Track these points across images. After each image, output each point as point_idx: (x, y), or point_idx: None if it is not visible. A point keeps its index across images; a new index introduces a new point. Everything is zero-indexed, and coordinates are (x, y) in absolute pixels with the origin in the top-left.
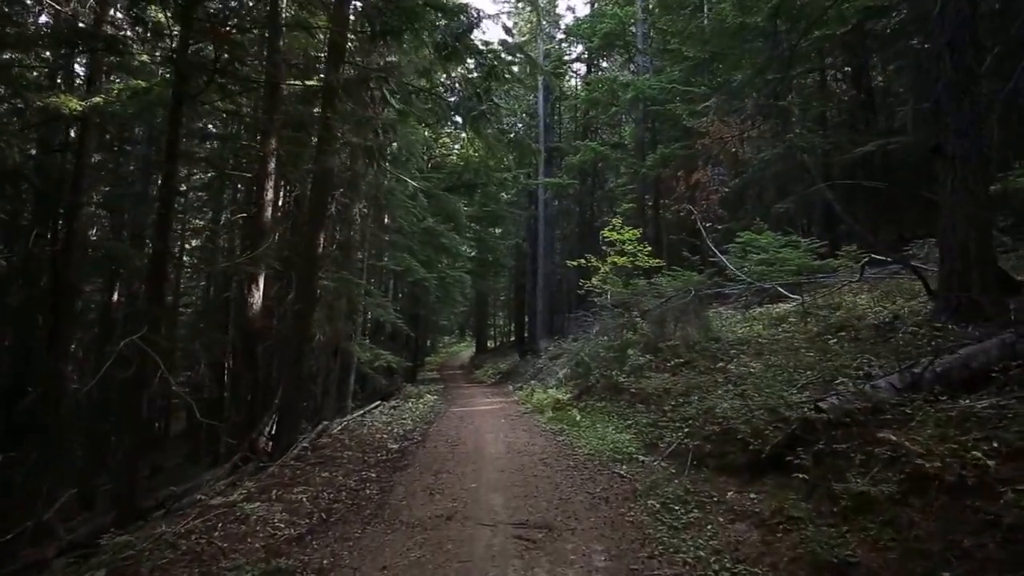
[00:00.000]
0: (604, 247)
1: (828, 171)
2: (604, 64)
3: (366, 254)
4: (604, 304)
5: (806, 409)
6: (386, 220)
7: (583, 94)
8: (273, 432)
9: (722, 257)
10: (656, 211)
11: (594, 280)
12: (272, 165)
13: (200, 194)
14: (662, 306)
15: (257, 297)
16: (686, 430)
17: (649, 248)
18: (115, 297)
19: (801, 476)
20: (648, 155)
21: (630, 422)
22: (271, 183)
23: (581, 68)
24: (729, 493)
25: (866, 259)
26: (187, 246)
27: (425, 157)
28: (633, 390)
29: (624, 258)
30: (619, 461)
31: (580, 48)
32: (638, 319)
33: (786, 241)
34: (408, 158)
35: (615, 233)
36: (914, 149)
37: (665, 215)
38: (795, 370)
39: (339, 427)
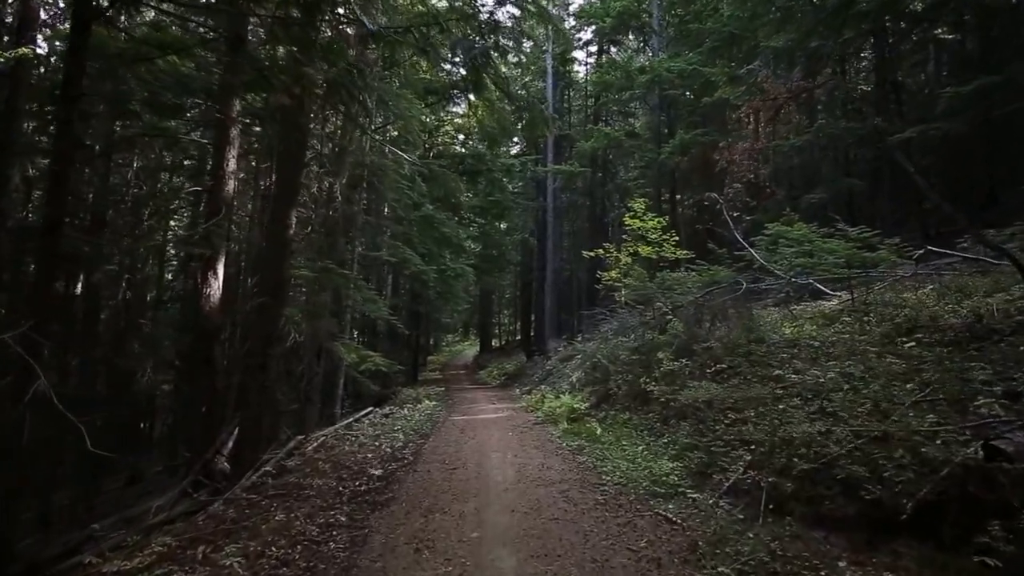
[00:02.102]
0: (624, 236)
1: (850, 161)
2: (615, 52)
3: (356, 243)
4: (625, 300)
5: (953, 445)
6: (385, 211)
7: (595, 76)
8: (234, 451)
9: (751, 250)
10: (673, 202)
11: (613, 273)
12: (235, 131)
13: (180, 180)
14: (698, 301)
15: (215, 288)
16: (748, 458)
17: (676, 238)
18: (78, 289)
19: (991, 562)
20: (667, 142)
21: (666, 440)
22: (233, 151)
23: (589, 60)
24: (841, 563)
25: (921, 251)
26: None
27: (427, 145)
28: (664, 401)
29: (649, 248)
30: (662, 497)
31: (591, 33)
32: (670, 316)
33: (827, 232)
34: (406, 140)
35: (637, 220)
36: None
37: (681, 210)
38: (887, 383)
39: (316, 443)
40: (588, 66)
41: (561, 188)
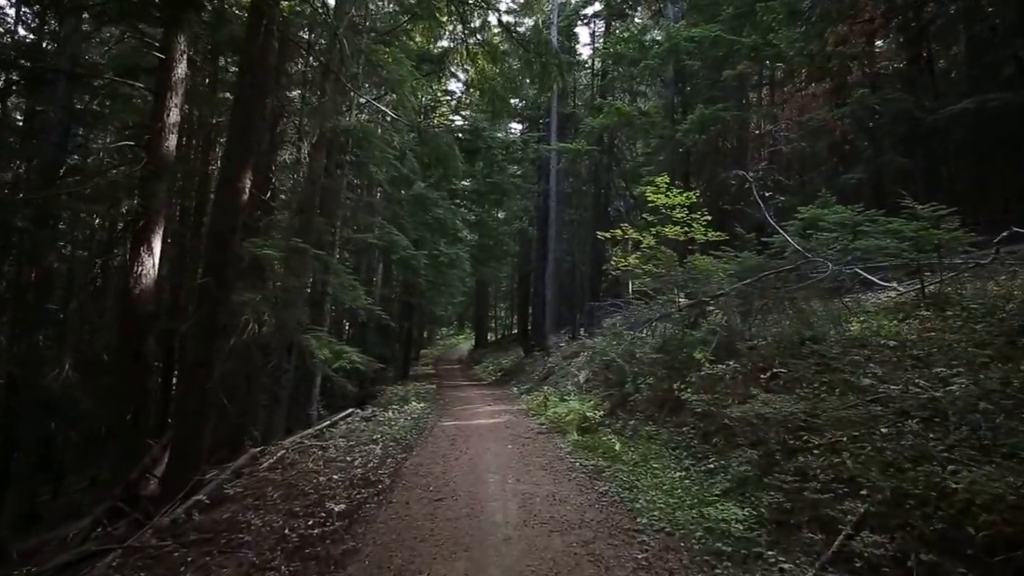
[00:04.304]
0: (644, 216)
1: (880, 139)
2: (619, 30)
3: (338, 223)
4: (640, 289)
5: None
6: (379, 196)
7: (605, 45)
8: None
9: (786, 234)
10: (687, 185)
11: (631, 259)
12: (180, 71)
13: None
14: (746, 290)
15: (149, 266)
16: (862, 510)
17: (708, 217)
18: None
19: None
20: (684, 119)
21: (712, 466)
22: (176, 99)
23: (596, 43)
24: None
25: (1005, 233)
26: None
27: (422, 127)
28: (703, 412)
29: (677, 228)
30: (729, 559)
31: (596, 7)
32: (711, 307)
33: (874, 213)
34: (398, 109)
35: (661, 195)
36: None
37: (695, 197)
38: None
39: (274, 457)
40: (593, 47)
41: (564, 171)
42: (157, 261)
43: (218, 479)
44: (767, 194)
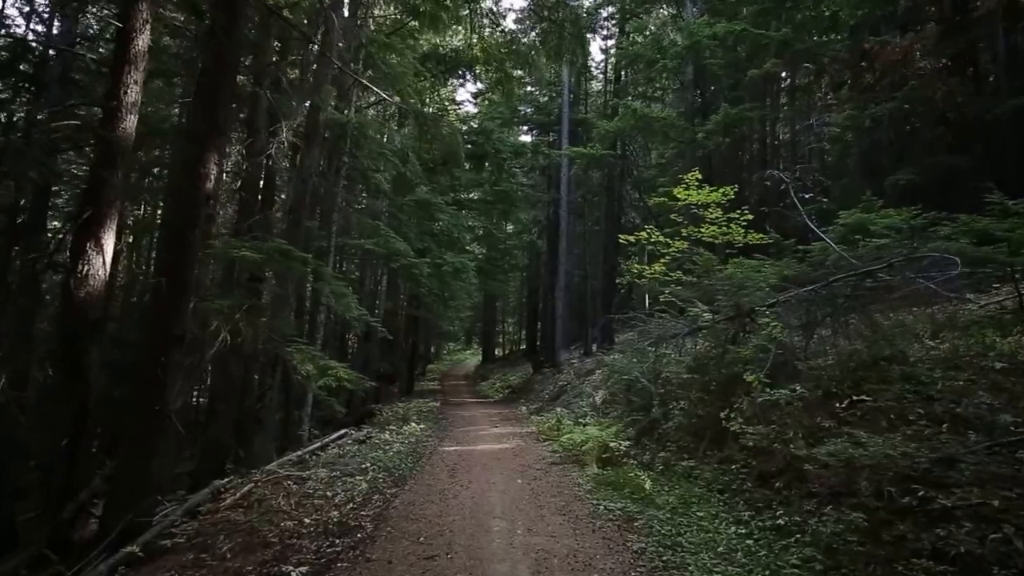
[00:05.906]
0: (672, 216)
1: (924, 139)
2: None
3: (336, 229)
4: (669, 300)
5: None
6: (384, 202)
7: (622, 46)
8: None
9: (829, 241)
10: None
11: (657, 266)
12: (141, 43)
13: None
14: (809, 296)
15: (98, 266)
16: None
17: (749, 215)
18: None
19: None
20: (707, 119)
21: (779, 520)
22: (137, 74)
23: (609, 46)
24: None
25: None
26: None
27: (424, 112)
28: (756, 448)
29: (715, 228)
30: None
31: (610, 11)
32: (766, 318)
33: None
34: (401, 111)
35: (693, 193)
36: None
37: (732, 193)
38: None
39: (241, 491)
40: (605, 53)
41: (576, 181)
42: (108, 260)
43: (165, 521)
44: (808, 195)
